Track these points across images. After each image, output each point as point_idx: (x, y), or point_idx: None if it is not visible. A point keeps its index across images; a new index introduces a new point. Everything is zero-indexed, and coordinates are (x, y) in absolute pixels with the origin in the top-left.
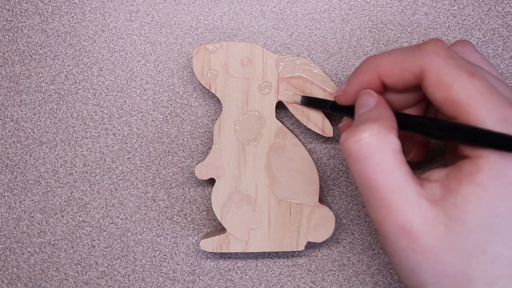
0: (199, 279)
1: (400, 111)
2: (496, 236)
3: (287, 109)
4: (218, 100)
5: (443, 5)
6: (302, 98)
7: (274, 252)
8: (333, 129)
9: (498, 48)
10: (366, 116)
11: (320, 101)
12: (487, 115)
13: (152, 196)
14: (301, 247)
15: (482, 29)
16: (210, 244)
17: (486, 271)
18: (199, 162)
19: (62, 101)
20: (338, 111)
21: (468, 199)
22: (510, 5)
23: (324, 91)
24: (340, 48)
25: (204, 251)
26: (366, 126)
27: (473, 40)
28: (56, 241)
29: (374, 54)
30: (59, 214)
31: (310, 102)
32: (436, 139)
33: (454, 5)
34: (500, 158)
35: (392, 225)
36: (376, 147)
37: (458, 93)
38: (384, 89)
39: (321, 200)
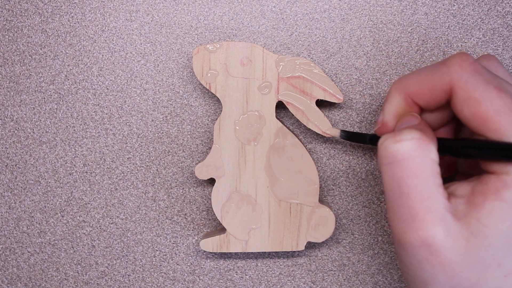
0: (199, 279)
1: (434, 131)
2: None
3: (287, 109)
4: (218, 100)
5: (443, 5)
6: (341, 132)
7: (274, 252)
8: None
9: (498, 48)
10: (409, 127)
11: (359, 135)
12: None
13: (152, 196)
14: (301, 247)
15: (482, 29)
16: (210, 244)
17: (499, 284)
18: (199, 162)
19: (62, 101)
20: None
21: (492, 214)
22: (510, 5)
23: (324, 91)
24: (340, 48)
25: (204, 251)
26: (409, 130)
27: (473, 40)
28: (56, 241)
29: (401, 77)
30: (59, 214)
31: (349, 137)
32: (472, 159)
33: (454, 5)
34: None
35: (414, 235)
36: (416, 151)
37: (487, 109)
38: (419, 111)
39: (321, 200)
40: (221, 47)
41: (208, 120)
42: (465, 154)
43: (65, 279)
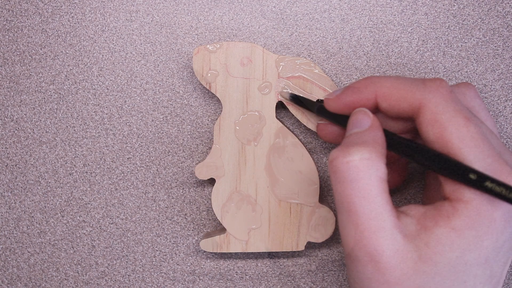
0: (199, 279)
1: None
2: (461, 283)
3: (287, 109)
4: (218, 100)
5: (443, 5)
6: (290, 95)
7: (274, 252)
8: None
9: (498, 48)
10: (359, 137)
11: (308, 101)
12: (474, 161)
13: (152, 196)
14: (301, 247)
15: (482, 29)
16: (210, 244)
17: None
18: (199, 162)
19: (62, 101)
20: (324, 115)
21: (441, 241)
22: (510, 5)
23: (324, 91)
24: (340, 48)
25: (204, 251)
26: (358, 149)
27: (473, 40)
28: (56, 241)
29: (378, 75)
30: (59, 214)
31: (297, 100)
32: (421, 164)
33: (454, 5)
34: (480, 206)
35: (362, 251)
36: (364, 172)
37: (451, 134)
38: (375, 111)
39: (321, 200)
40: (221, 47)
41: (208, 120)
42: (414, 158)
43: (65, 279)
